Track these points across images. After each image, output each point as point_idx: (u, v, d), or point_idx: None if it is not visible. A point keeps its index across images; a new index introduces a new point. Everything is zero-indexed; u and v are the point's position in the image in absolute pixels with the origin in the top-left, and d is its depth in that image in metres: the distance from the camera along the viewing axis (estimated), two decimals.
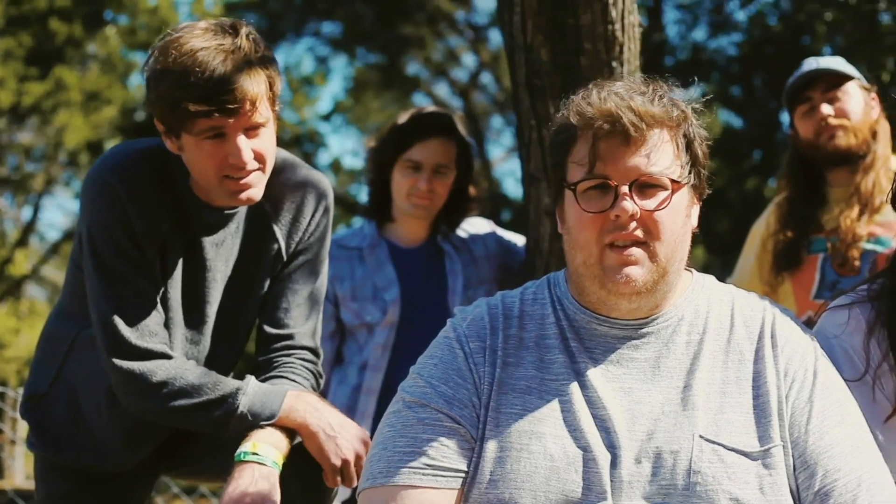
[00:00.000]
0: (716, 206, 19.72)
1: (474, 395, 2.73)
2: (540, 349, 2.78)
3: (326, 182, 3.67)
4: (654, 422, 2.67)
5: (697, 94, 2.91)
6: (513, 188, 30.02)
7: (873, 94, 4.96)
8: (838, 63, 4.97)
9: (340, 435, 3.33)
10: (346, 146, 42.79)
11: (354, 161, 30.77)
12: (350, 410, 4.87)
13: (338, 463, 3.31)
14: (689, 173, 2.77)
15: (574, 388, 2.71)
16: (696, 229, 2.87)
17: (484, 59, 25.25)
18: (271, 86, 3.31)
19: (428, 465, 2.66)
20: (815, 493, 2.65)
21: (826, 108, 4.84)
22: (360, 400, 4.90)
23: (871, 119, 4.88)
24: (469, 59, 26.47)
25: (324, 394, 4.95)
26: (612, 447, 2.64)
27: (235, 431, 3.31)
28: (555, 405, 2.70)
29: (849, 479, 2.66)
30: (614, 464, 2.63)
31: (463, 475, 2.68)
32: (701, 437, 2.65)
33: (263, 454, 3.24)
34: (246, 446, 3.25)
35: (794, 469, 2.68)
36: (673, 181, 2.71)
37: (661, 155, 2.70)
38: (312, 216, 3.60)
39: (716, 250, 19.62)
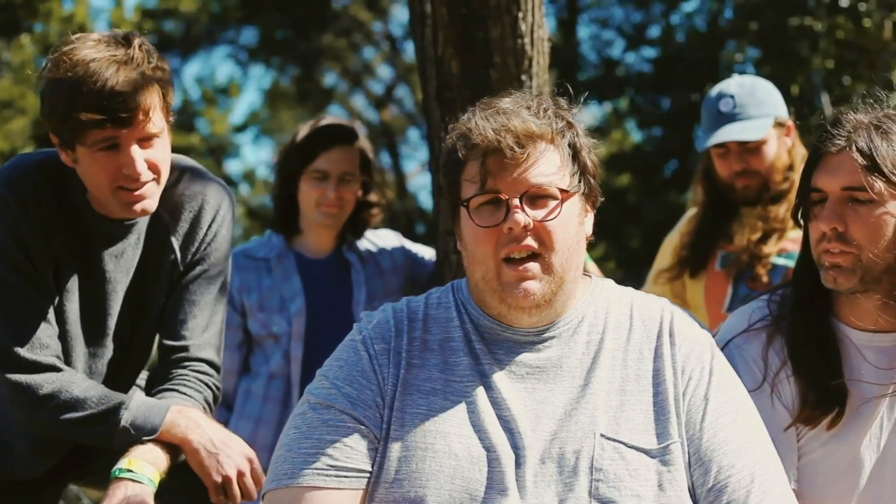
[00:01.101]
0: (629, 220, 19.86)
1: (378, 395, 2.78)
2: (444, 352, 2.84)
3: (226, 191, 3.65)
4: (557, 421, 2.74)
5: (609, 109, 2.99)
6: (427, 202, 30.03)
7: (788, 123, 4.96)
8: (754, 105, 4.92)
9: (222, 451, 3.31)
10: (262, 157, 42.50)
11: (270, 172, 30.60)
12: (257, 422, 4.90)
13: (218, 479, 3.29)
14: (579, 182, 2.83)
15: (479, 389, 2.77)
16: (592, 237, 2.94)
17: (400, 72, 25.26)
18: (164, 96, 3.30)
19: (332, 466, 2.71)
20: (708, 489, 2.73)
21: (740, 163, 4.85)
22: (267, 409, 4.91)
23: (785, 158, 4.88)
24: (385, 72, 26.48)
25: (230, 405, 4.96)
26: (516, 447, 2.70)
27: (120, 446, 3.30)
28: (460, 406, 2.76)
29: (742, 476, 2.73)
30: (518, 463, 2.69)
31: (367, 475, 2.72)
32: (602, 435, 2.72)
33: (138, 471, 3.22)
34: (122, 463, 3.24)
35: (690, 465, 2.75)
36: (562, 190, 2.78)
37: (547, 166, 2.77)
38: (210, 226, 3.57)
39: (628, 265, 19.77)
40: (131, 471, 3.21)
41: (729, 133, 4.85)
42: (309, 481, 2.70)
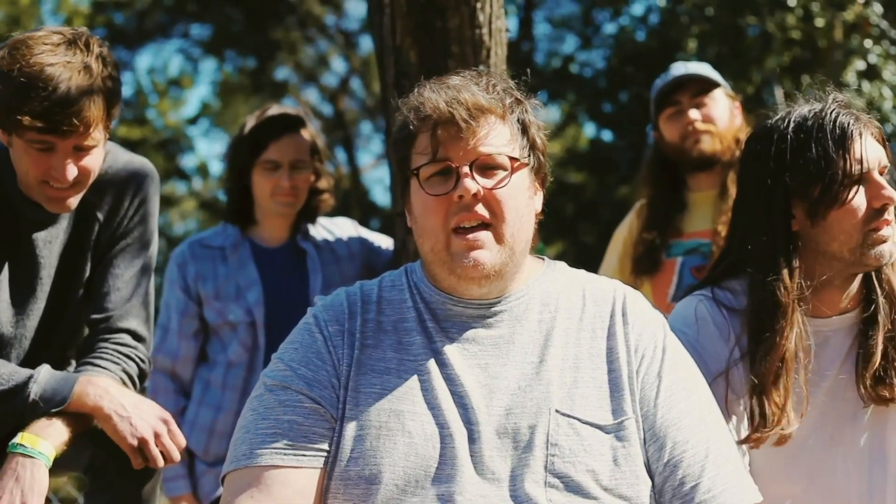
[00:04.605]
0: (585, 217, 19.96)
1: (334, 376, 2.80)
2: (398, 332, 2.86)
3: (149, 167, 3.71)
4: (510, 397, 2.77)
5: (564, 107, 3.02)
6: (381, 196, 30.01)
7: (737, 103, 5.09)
8: (706, 69, 5.11)
9: (134, 415, 3.33)
10: (214, 150, 42.32)
11: (222, 165, 30.44)
12: (217, 410, 4.94)
13: (134, 443, 3.31)
14: (529, 156, 2.88)
15: (432, 366, 2.80)
16: (541, 216, 2.97)
17: (354, 66, 25.23)
18: (109, 110, 3.35)
19: (290, 446, 2.72)
20: (664, 464, 2.77)
21: (693, 113, 4.95)
22: (226, 397, 4.94)
23: (735, 126, 5.00)
24: (339, 65, 26.44)
25: (188, 393, 4.97)
26: (469, 423, 2.73)
27: (31, 420, 3.31)
28: (414, 384, 2.79)
29: (696, 451, 2.78)
30: (472, 439, 2.72)
31: (325, 454, 2.74)
32: (557, 411, 2.75)
33: (29, 445, 3.24)
34: (16, 438, 3.27)
35: (645, 441, 2.79)
36: (512, 159, 2.81)
37: (497, 138, 2.81)
38: (132, 201, 3.63)
39: (584, 261, 19.83)
40: (23, 445, 3.24)
41: (687, 70, 5.05)
42: (267, 461, 2.71)
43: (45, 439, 3.26)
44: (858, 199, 3.13)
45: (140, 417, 3.33)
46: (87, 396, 3.32)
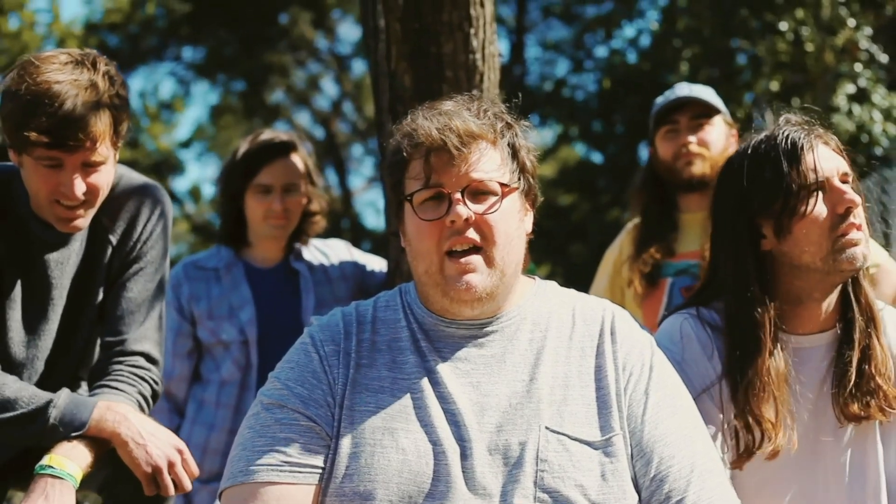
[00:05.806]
0: (575, 237, 19.98)
1: (329, 395, 2.86)
2: (392, 351, 2.92)
3: (161, 191, 3.76)
4: (502, 414, 2.82)
5: (557, 129, 3.07)
6: (372, 219, 30.05)
7: (734, 131, 5.11)
8: (709, 94, 5.13)
9: (150, 443, 3.36)
10: (207, 174, 42.36)
11: (214, 189, 30.44)
12: (211, 428, 4.97)
13: (148, 470, 3.34)
14: (519, 179, 2.94)
15: (425, 385, 2.86)
16: (531, 235, 3.03)
17: (346, 89, 25.27)
18: (117, 126, 3.40)
19: (286, 462, 2.77)
20: (651, 478, 2.82)
21: (689, 136, 4.97)
22: (219, 415, 4.98)
23: (729, 153, 5.01)
24: (331, 88, 26.49)
25: (182, 411, 4.99)
26: (461, 440, 2.79)
27: (51, 443, 3.35)
28: (407, 402, 2.84)
29: (682, 466, 2.83)
30: (464, 455, 2.77)
31: (320, 471, 2.79)
32: (546, 427, 2.80)
33: (58, 466, 3.27)
34: (44, 460, 3.29)
35: (632, 457, 2.84)
36: (502, 185, 2.88)
37: (488, 164, 2.87)
38: (146, 224, 3.68)
39: (574, 281, 19.81)
40: (52, 467, 3.26)
41: (690, 92, 5.08)
42: (264, 477, 2.76)
43: (73, 461, 3.29)
44: (819, 207, 3.18)
45: (156, 446, 3.36)
46: (105, 422, 3.36)
